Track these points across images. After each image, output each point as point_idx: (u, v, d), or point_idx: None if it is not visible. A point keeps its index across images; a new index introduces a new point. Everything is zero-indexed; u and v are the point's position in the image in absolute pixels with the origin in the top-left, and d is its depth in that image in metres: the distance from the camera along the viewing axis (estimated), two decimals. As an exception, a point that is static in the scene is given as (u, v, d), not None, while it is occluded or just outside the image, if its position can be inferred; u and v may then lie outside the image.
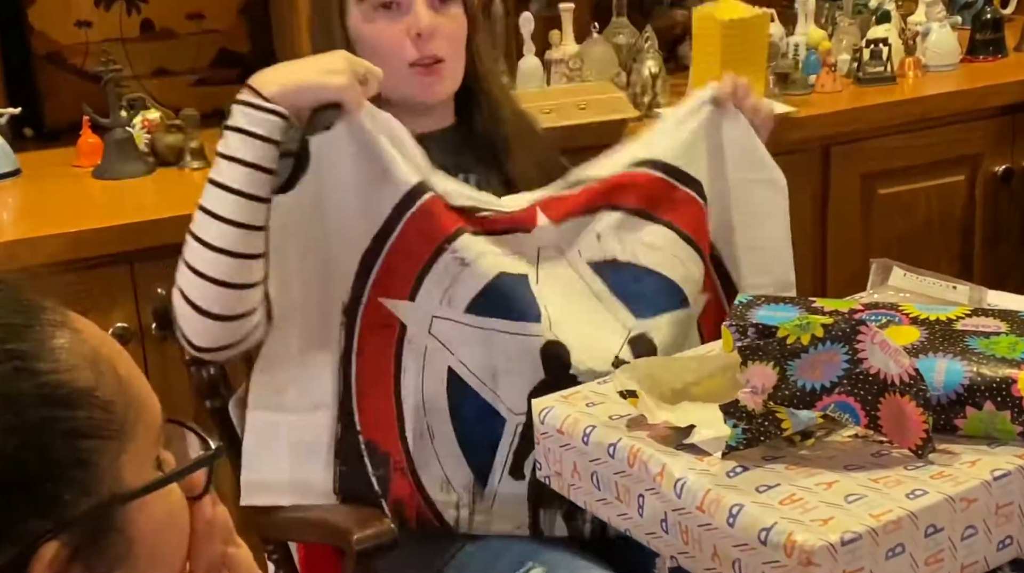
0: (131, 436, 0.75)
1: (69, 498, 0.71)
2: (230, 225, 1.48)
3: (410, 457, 1.57)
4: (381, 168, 1.54)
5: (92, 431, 0.73)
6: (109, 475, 0.73)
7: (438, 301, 1.55)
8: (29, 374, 0.71)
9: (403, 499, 1.58)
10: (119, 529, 0.73)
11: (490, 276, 1.56)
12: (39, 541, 0.69)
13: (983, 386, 1.26)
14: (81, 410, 0.72)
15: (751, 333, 1.41)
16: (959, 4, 3.06)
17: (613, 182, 1.66)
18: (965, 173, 2.71)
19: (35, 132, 2.51)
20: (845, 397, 1.24)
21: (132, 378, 0.78)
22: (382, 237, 1.55)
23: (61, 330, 0.74)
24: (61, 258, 1.99)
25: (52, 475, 0.71)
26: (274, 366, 1.57)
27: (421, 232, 1.55)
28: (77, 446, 0.72)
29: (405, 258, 1.55)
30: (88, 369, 0.74)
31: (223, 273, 1.48)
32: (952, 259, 2.72)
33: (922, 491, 1.18)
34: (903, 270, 1.63)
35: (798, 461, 1.25)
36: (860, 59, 2.67)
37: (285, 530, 1.68)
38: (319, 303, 1.56)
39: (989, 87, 2.69)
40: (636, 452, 1.29)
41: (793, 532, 1.12)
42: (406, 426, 1.57)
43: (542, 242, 1.62)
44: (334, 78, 1.50)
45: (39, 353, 0.72)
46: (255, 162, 1.48)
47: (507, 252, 1.59)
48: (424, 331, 1.56)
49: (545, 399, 1.45)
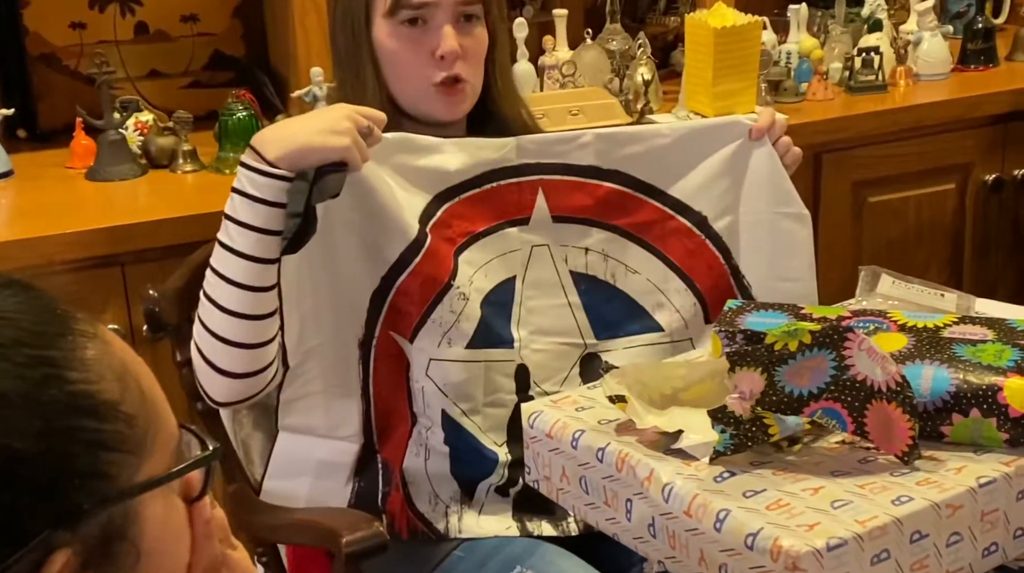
0: (149, 452, 0.75)
1: (87, 508, 0.71)
2: (242, 289, 1.49)
3: (403, 474, 1.62)
4: (384, 220, 1.57)
5: (115, 444, 0.73)
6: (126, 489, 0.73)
7: (437, 344, 1.60)
8: (59, 382, 0.72)
9: (394, 512, 1.62)
10: (128, 538, 0.74)
11: (479, 306, 1.61)
12: (52, 549, 0.70)
13: (969, 393, 1.27)
14: (107, 422, 0.73)
15: (739, 339, 1.41)
16: (951, 14, 3.07)
17: (611, 198, 1.68)
18: (955, 182, 2.72)
19: (28, 133, 2.51)
20: (832, 403, 1.24)
21: (154, 394, 0.78)
22: (390, 278, 1.59)
23: (92, 341, 0.75)
24: (53, 259, 1.99)
25: (74, 484, 0.71)
26: (299, 406, 1.61)
27: (425, 277, 1.59)
28: (100, 458, 0.72)
29: (409, 301, 1.59)
30: (115, 382, 0.74)
31: (237, 334, 1.50)
32: (941, 267, 2.73)
33: (908, 497, 1.18)
34: (892, 277, 1.63)
35: (785, 467, 1.26)
36: (852, 67, 2.68)
37: (274, 532, 1.68)
38: (335, 343, 1.59)
39: (980, 96, 2.70)
40: (624, 457, 1.30)
41: (779, 537, 1.13)
42: (409, 444, 1.62)
43: (536, 241, 1.65)
44: (337, 140, 1.47)
45: (70, 362, 0.73)
46: (263, 227, 1.48)
47: (501, 251, 1.63)
48: (422, 373, 1.61)
49: (534, 403, 1.46)
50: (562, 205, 1.66)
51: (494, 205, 1.64)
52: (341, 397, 1.61)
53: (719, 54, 2.39)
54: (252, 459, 1.72)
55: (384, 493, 1.63)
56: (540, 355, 1.64)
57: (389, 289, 1.59)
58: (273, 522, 1.65)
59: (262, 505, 1.70)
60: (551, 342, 1.65)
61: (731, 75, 2.41)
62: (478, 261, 1.62)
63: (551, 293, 1.66)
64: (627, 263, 1.68)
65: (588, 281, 1.67)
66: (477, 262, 1.62)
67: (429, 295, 1.59)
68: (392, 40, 1.63)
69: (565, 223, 1.66)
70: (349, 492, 1.63)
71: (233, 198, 1.50)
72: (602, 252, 1.68)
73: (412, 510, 1.62)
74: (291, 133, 1.49)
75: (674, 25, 2.84)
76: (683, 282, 1.70)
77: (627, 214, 1.68)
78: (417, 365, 1.61)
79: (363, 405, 1.62)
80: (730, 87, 2.40)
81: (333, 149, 1.47)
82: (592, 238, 1.67)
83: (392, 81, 1.65)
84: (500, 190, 1.64)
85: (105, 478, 0.72)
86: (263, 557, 1.72)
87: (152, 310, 1.69)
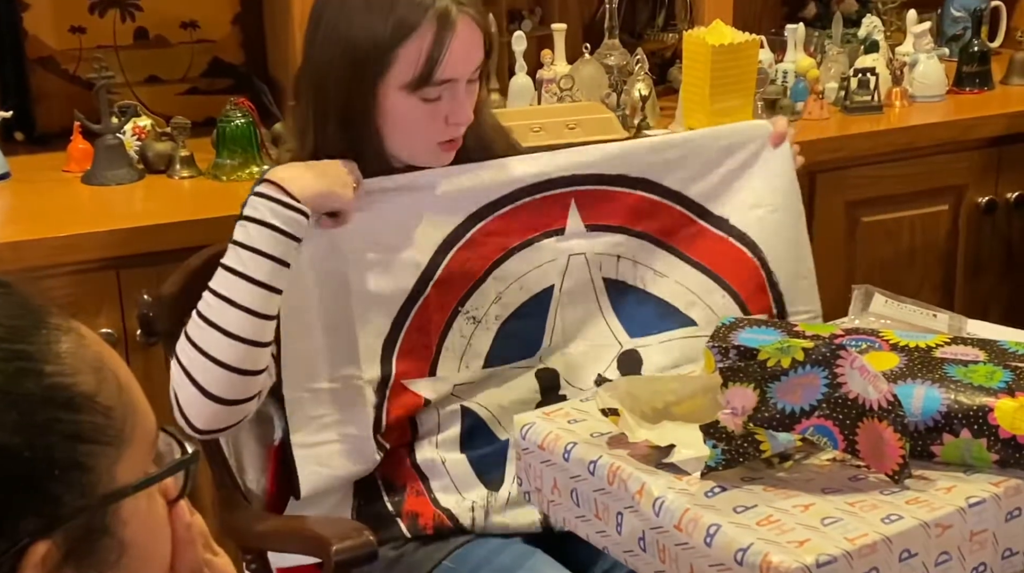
0: (128, 444, 0.76)
1: (66, 499, 0.72)
2: (249, 314, 1.52)
3: (425, 480, 1.65)
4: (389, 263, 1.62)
5: (93, 436, 0.74)
6: (105, 480, 0.74)
7: (456, 369, 1.65)
8: (35, 375, 0.72)
9: (417, 511, 1.64)
10: (111, 532, 0.74)
11: (498, 324, 1.66)
12: (33, 539, 0.70)
13: (960, 414, 1.28)
14: (84, 414, 0.73)
15: (732, 355, 1.42)
16: (947, 36, 3.09)
17: (640, 205, 1.73)
18: (949, 203, 2.73)
19: (26, 136, 2.51)
20: (823, 421, 1.25)
21: (131, 387, 0.79)
22: (400, 320, 1.63)
23: (67, 335, 0.75)
24: (48, 262, 1.99)
25: (53, 475, 0.71)
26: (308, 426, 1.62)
27: (434, 308, 1.64)
28: (78, 449, 0.73)
29: (421, 336, 1.64)
30: (91, 375, 0.75)
31: (237, 359, 1.52)
32: (934, 288, 2.73)
33: (897, 516, 1.19)
34: (885, 297, 1.64)
35: (776, 483, 1.26)
36: (848, 88, 2.69)
37: (263, 540, 1.68)
38: (346, 380, 1.62)
39: (975, 119, 2.71)
40: (616, 470, 1.30)
41: (769, 553, 1.13)
42: (418, 458, 1.66)
43: (573, 250, 1.71)
44: (347, 191, 1.57)
45: (45, 356, 0.73)
46: (280, 257, 1.53)
47: (537, 263, 1.69)
48: (445, 400, 1.66)
49: (527, 415, 1.46)
50: (594, 214, 1.72)
51: (529, 219, 1.69)
52: (356, 438, 1.63)
53: (716, 71, 2.39)
54: (243, 466, 1.73)
55: (394, 502, 1.64)
56: (571, 358, 1.69)
57: (398, 333, 1.63)
58: (262, 529, 1.65)
59: (251, 512, 1.70)
60: (584, 345, 1.71)
61: (728, 93, 2.42)
62: (515, 273, 1.67)
63: (584, 300, 1.71)
64: (655, 268, 1.74)
65: (619, 287, 1.73)
66: (514, 274, 1.67)
67: (439, 326, 1.64)
68: (406, 109, 1.61)
69: (598, 232, 1.72)
70: (349, 509, 1.66)
71: (247, 226, 1.53)
72: (632, 259, 1.73)
73: (437, 506, 1.64)
74: (312, 176, 1.56)
75: (672, 41, 2.85)
76: (713, 281, 1.75)
77: (655, 220, 1.74)
78: (440, 395, 1.65)
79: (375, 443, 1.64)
80: (727, 104, 2.41)
81: (344, 199, 1.57)
82: (623, 246, 1.73)
83: (393, 138, 1.64)
84: (534, 204, 1.69)
85: (84, 469, 0.73)
86: (252, 565, 1.72)
87: (146, 315, 1.70)
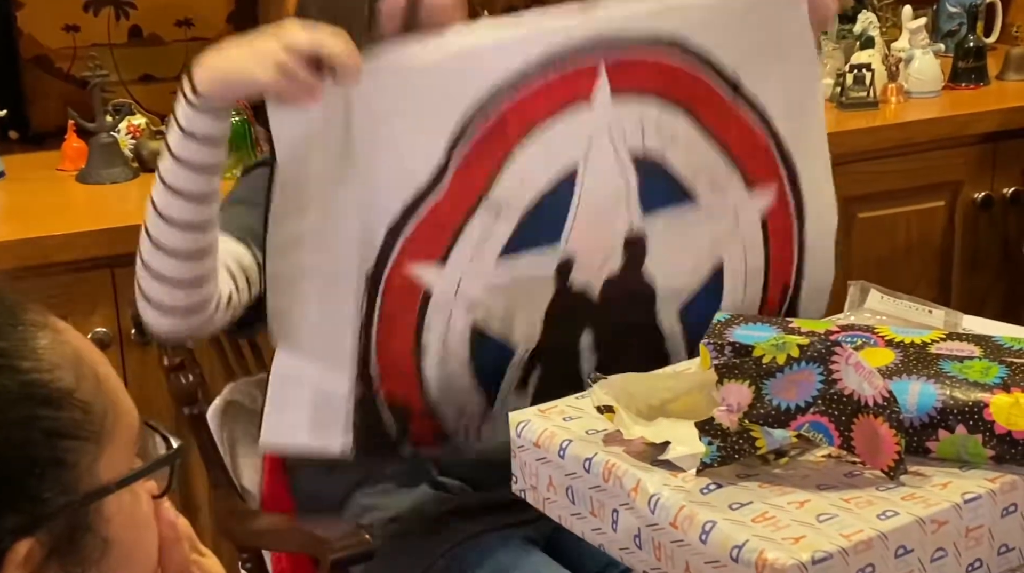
0: (109, 439, 0.76)
1: (48, 497, 0.71)
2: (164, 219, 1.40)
3: (429, 402, 1.55)
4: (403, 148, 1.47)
5: (72, 432, 0.73)
6: (87, 477, 0.74)
7: (468, 258, 1.52)
8: (11, 371, 0.72)
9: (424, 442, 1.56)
10: (94, 529, 0.74)
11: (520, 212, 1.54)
12: (15, 537, 0.70)
13: (956, 409, 1.27)
14: (63, 410, 0.73)
15: (728, 351, 1.42)
16: (942, 32, 3.09)
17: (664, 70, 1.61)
18: (945, 199, 2.73)
19: (20, 135, 2.52)
20: (819, 417, 1.25)
21: (111, 382, 0.78)
22: (412, 209, 1.49)
23: (43, 331, 0.75)
24: (43, 261, 1.99)
25: (33, 473, 0.71)
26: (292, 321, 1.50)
27: (453, 201, 1.50)
28: (57, 446, 0.72)
29: (436, 228, 1.50)
30: (69, 370, 0.74)
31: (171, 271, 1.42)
32: (930, 284, 2.73)
33: (893, 512, 1.18)
34: (881, 293, 1.64)
35: (771, 480, 1.26)
36: (843, 84, 2.69)
37: (259, 538, 1.68)
38: (337, 269, 1.49)
39: (971, 115, 2.71)
40: (611, 467, 1.30)
41: (765, 550, 1.13)
42: (424, 376, 1.54)
43: (597, 123, 1.57)
44: (259, 72, 1.33)
45: (21, 352, 0.73)
46: (178, 155, 1.39)
47: (563, 141, 1.55)
48: (451, 293, 1.52)
49: (522, 413, 1.46)
50: (622, 81, 1.58)
51: (556, 93, 1.54)
52: (334, 325, 1.50)
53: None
54: (238, 465, 1.72)
55: (398, 428, 1.55)
56: (587, 242, 1.57)
57: (407, 221, 1.49)
58: (258, 528, 1.65)
59: (247, 511, 1.70)
60: (600, 226, 1.59)
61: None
62: (538, 155, 1.54)
63: (610, 178, 1.59)
64: (674, 133, 1.62)
65: (642, 160, 1.61)
66: (537, 156, 1.54)
67: (458, 218, 1.51)
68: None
69: (625, 101, 1.59)
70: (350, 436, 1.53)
71: (170, 125, 1.41)
72: (656, 125, 1.61)
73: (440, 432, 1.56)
74: (223, 59, 1.37)
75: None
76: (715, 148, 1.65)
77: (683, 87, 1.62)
78: (446, 289, 1.51)
79: (361, 342, 1.51)
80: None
81: (257, 83, 1.34)
82: (649, 113, 1.61)
83: None
84: (562, 77, 1.54)
85: (65, 466, 0.73)
86: (247, 564, 1.72)
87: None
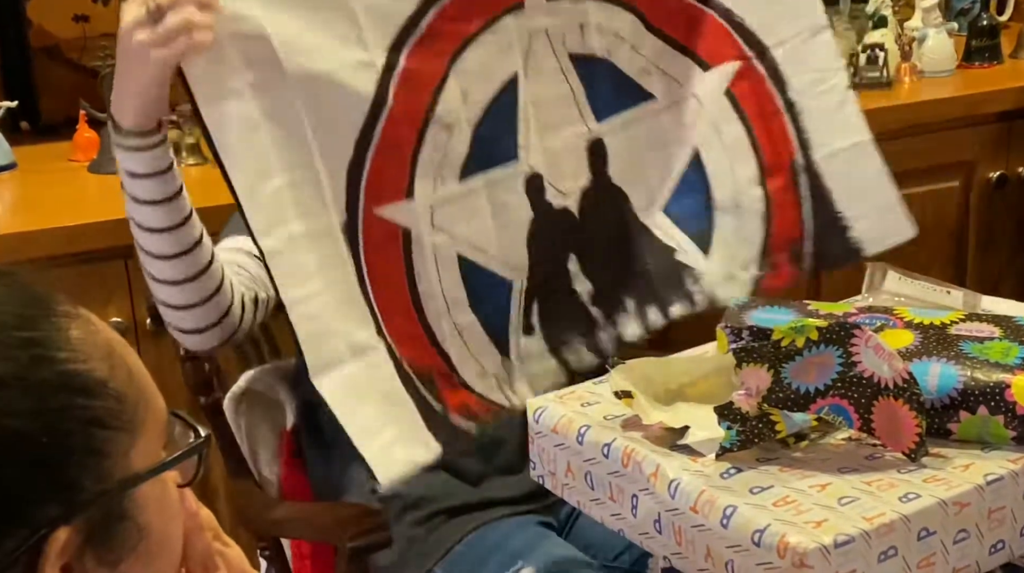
0: (141, 430, 0.76)
1: (85, 485, 0.72)
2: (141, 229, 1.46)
3: (450, 362, 1.51)
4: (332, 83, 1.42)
5: (108, 421, 0.74)
6: (121, 466, 0.74)
7: (432, 186, 1.48)
8: (49, 362, 0.72)
9: (467, 403, 1.51)
10: (129, 517, 0.75)
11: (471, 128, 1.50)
12: (54, 526, 0.70)
13: (977, 391, 1.27)
14: (98, 400, 0.74)
15: (746, 335, 1.41)
16: (955, 10, 3.07)
17: None
18: (960, 179, 2.72)
19: (31, 126, 2.52)
20: (839, 400, 1.24)
21: (141, 373, 0.79)
22: (364, 140, 1.44)
23: (76, 322, 0.75)
24: (56, 252, 1.99)
25: (71, 461, 0.72)
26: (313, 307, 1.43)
27: (402, 119, 1.46)
28: (94, 435, 0.73)
29: (392, 154, 1.46)
30: (103, 361, 0.75)
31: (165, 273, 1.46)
32: (946, 264, 2.72)
33: (915, 494, 1.18)
34: (898, 274, 1.63)
35: (792, 463, 1.26)
36: (856, 64, 2.68)
37: (278, 527, 1.68)
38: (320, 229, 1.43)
39: (984, 94, 2.69)
40: (630, 452, 1.29)
41: (786, 534, 1.12)
42: (437, 335, 1.50)
43: (532, 27, 1.55)
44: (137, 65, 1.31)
45: (57, 342, 0.73)
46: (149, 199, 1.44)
47: (499, 48, 1.52)
48: (427, 227, 1.48)
49: (540, 399, 1.46)
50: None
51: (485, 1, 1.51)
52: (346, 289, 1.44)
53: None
54: (256, 453, 1.72)
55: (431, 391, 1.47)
56: (550, 154, 1.55)
57: (364, 155, 1.43)
58: (276, 516, 1.65)
59: (265, 499, 1.70)
60: (559, 136, 1.56)
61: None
62: (477, 64, 1.50)
63: (553, 83, 1.56)
64: (618, 32, 1.60)
65: (586, 62, 1.58)
66: (476, 66, 1.50)
67: (411, 140, 1.46)
68: None
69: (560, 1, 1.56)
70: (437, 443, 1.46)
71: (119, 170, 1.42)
72: (597, 25, 1.59)
73: (471, 392, 1.51)
74: (117, 89, 1.36)
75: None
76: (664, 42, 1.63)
77: None
78: (421, 222, 1.48)
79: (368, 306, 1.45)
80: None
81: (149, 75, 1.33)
82: (589, 13, 1.58)
83: None
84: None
85: (101, 455, 0.73)
86: (266, 552, 1.72)
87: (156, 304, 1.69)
